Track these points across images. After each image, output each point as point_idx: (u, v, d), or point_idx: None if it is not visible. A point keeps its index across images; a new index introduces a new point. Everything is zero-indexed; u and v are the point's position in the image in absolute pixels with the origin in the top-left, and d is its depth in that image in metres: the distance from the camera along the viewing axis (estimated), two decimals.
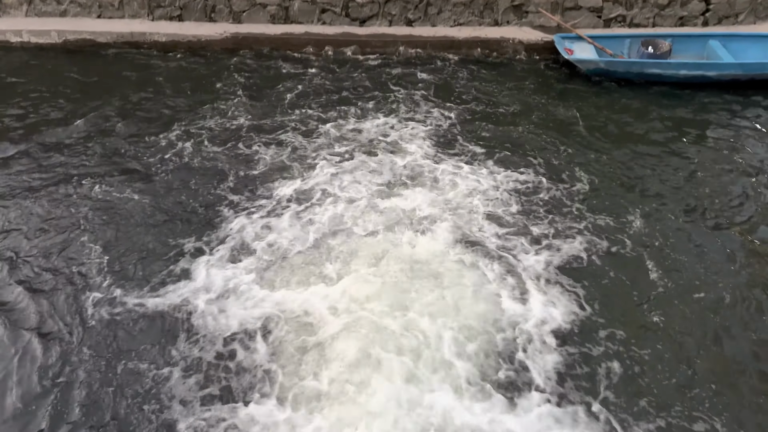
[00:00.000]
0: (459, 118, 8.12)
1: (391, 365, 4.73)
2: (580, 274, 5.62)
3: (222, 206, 6.49)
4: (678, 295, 5.41)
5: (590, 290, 5.44)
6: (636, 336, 5.02)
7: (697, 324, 5.14)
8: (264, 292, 5.42)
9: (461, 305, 5.25)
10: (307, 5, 10.15)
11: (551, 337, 5.02)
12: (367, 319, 5.11)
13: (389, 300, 5.30)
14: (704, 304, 5.32)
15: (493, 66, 9.53)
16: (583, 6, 9.96)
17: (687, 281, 5.55)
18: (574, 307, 5.27)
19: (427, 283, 5.47)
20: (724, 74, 8.69)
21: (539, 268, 5.68)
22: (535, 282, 5.53)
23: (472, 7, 10.07)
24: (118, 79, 9.11)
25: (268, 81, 9.08)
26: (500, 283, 5.49)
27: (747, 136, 7.72)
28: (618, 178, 6.93)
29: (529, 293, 5.41)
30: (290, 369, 4.78)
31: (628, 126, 7.97)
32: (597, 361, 4.82)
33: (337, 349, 4.87)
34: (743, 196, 6.64)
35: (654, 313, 5.23)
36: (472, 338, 4.96)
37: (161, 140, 7.64)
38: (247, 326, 5.12)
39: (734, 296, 5.40)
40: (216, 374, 4.75)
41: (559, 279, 5.54)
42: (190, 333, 5.08)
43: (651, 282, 5.54)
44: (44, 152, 7.40)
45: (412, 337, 4.96)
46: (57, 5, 10.39)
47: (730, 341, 5.01)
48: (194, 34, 10.01)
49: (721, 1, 9.91)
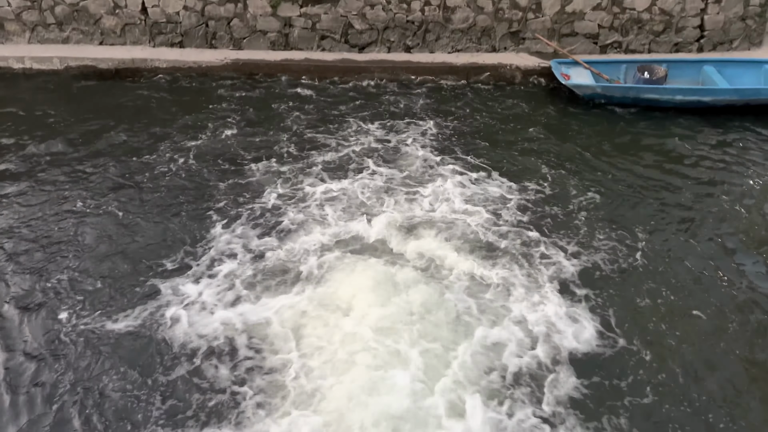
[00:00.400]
0: (456, 141, 8.19)
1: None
2: (585, 288, 5.71)
3: (210, 224, 6.59)
4: (681, 313, 5.45)
5: (599, 304, 5.48)
6: (644, 352, 5.08)
7: (698, 342, 5.19)
8: (263, 300, 5.53)
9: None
10: (306, 32, 10.28)
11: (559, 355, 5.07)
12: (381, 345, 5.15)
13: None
14: (704, 323, 5.36)
15: (491, 91, 9.62)
16: (579, 32, 10.10)
17: (689, 299, 5.60)
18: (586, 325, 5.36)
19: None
20: (720, 99, 8.78)
21: (544, 281, 5.78)
22: (540, 295, 5.63)
23: (470, 34, 10.20)
24: (116, 104, 9.22)
25: (266, 105, 9.19)
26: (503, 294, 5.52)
27: (743, 158, 7.79)
28: (616, 199, 7.02)
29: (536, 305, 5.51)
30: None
31: (625, 149, 8.04)
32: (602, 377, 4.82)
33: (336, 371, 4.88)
34: (741, 216, 6.70)
35: (658, 327, 5.29)
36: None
37: (153, 162, 7.76)
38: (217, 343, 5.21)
39: (735, 316, 5.43)
40: (189, 394, 4.81)
41: (565, 294, 5.57)
42: (166, 350, 5.15)
43: (654, 300, 5.55)
44: (37, 173, 7.51)
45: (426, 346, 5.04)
46: (60, 32, 10.51)
47: (728, 361, 5.04)
48: (195, 60, 10.12)
49: (716, 28, 10.05)
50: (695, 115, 8.76)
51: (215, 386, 4.87)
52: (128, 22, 10.35)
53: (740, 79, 9.24)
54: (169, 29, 10.37)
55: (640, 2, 9.84)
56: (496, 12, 10.00)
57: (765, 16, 10.10)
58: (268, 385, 4.87)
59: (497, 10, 9.98)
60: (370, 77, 9.92)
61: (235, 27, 10.30)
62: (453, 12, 10.02)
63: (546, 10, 9.94)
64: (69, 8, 10.28)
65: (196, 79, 9.95)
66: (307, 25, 10.22)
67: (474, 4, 9.94)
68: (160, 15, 10.25)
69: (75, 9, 10.28)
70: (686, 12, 9.90)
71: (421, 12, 10.03)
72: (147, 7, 10.19)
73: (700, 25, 10.03)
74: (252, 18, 10.20)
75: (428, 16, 10.07)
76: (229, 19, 10.23)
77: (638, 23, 10.00)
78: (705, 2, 9.84)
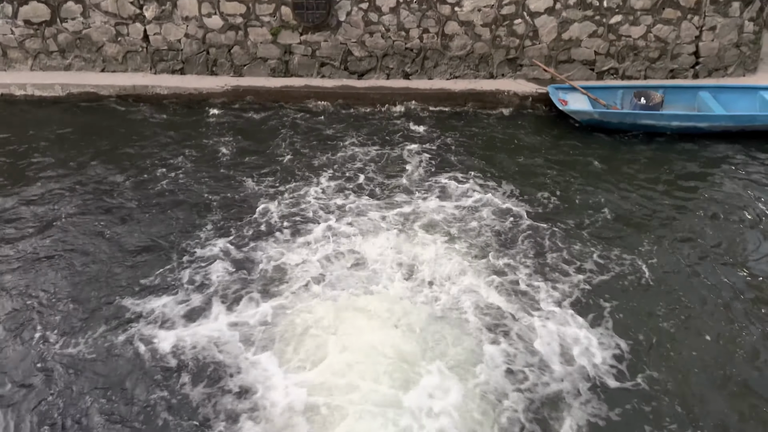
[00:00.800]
0: (455, 165, 8.25)
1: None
2: (590, 307, 5.75)
3: (201, 245, 6.68)
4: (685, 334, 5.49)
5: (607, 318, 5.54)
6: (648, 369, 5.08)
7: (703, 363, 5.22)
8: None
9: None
10: (306, 59, 10.40)
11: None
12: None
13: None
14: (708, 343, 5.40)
15: (489, 117, 9.70)
16: (576, 59, 10.22)
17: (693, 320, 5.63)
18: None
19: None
20: (716, 125, 8.86)
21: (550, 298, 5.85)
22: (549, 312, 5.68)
23: (468, 61, 10.32)
24: (115, 129, 9.30)
25: (264, 130, 9.29)
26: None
27: (740, 183, 7.84)
28: (616, 223, 7.07)
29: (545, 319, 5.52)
30: None
31: (622, 174, 8.10)
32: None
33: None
34: (741, 240, 6.73)
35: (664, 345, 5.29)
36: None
37: (145, 183, 7.88)
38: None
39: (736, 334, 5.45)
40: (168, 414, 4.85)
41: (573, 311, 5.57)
42: (139, 371, 5.22)
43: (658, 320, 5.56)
44: (31, 196, 7.60)
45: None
46: (62, 59, 10.62)
47: (731, 378, 5.06)
48: (195, 86, 10.22)
49: (711, 55, 10.18)
50: (691, 140, 8.83)
51: (192, 404, 4.91)
52: (130, 50, 10.47)
53: (735, 105, 9.33)
54: (170, 56, 10.49)
55: (636, 29, 9.98)
56: (493, 39, 10.13)
57: (759, 43, 10.24)
58: (247, 408, 4.90)
59: (495, 37, 10.11)
60: (370, 103, 10.01)
61: (236, 54, 10.41)
62: (451, 39, 10.15)
63: (543, 38, 10.08)
64: (72, 36, 10.41)
65: (196, 105, 10.04)
66: (307, 53, 10.34)
67: (472, 32, 10.07)
68: (161, 43, 10.37)
69: (78, 37, 10.41)
70: (681, 39, 10.04)
71: (420, 39, 10.16)
72: (149, 35, 10.32)
73: (695, 52, 10.17)
74: (252, 45, 10.33)
75: (426, 44, 10.20)
76: (229, 46, 10.35)
77: (634, 50, 10.13)
78: (699, 30, 9.98)
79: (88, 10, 10.20)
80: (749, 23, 9.98)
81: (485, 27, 10.04)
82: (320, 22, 10.03)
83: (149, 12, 10.14)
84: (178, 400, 4.96)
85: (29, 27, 10.37)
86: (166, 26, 10.24)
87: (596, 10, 9.87)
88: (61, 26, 10.35)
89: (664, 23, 9.93)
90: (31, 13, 10.27)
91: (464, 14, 9.96)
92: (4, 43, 10.52)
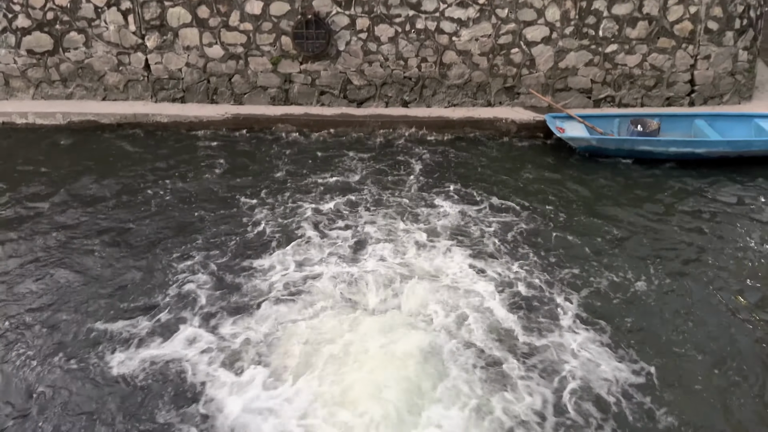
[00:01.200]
0: (453, 190, 8.27)
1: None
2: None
3: (192, 277, 6.66)
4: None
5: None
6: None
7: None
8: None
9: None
10: (306, 88, 10.51)
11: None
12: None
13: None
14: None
15: (487, 144, 9.76)
16: (572, 87, 10.34)
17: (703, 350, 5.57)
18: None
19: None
20: (713, 151, 8.92)
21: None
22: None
23: (466, 89, 10.43)
24: (114, 156, 9.38)
25: (262, 156, 9.37)
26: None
27: (740, 208, 7.88)
28: (614, 248, 7.05)
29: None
30: None
31: (620, 199, 8.13)
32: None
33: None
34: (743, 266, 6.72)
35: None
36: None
37: (140, 209, 7.92)
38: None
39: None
40: None
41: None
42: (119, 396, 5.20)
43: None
44: (26, 223, 7.65)
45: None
46: (64, 88, 10.73)
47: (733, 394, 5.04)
48: (196, 114, 10.30)
49: (706, 83, 10.30)
50: (689, 166, 8.88)
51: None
52: (131, 79, 10.58)
53: (731, 132, 9.40)
54: (171, 85, 10.60)
55: (631, 58, 10.11)
56: (491, 68, 10.26)
57: (753, 71, 10.37)
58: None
59: (492, 66, 10.24)
60: (368, 131, 10.09)
61: (236, 83, 10.52)
62: (449, 68, 10.28)
63: (540, 66, 10.20)
64: (74, 66, 10.53)
65: (195, 133, 10.11)
66: (307, 81, 10.46)
67: (469, 61, 10.20)
68: (162, 72, 10.49)
69: (80, 66, 10.53)
70: (676, 68, 10.17)
71: (418, 68, 10.29)
72: (150, 64, 10.44)
73: (690, 80, 10.29)
74: (253, 74, 10.44)
75: (425, 72, 10.32)
76: (230, 75, 10.47)
77: (630, 78, 10.26)
78: (694, 58, 10.12)
79: (91, 40, 10.34)
80: (743, 52, 10.12)
81: (483, 56, 10.17)
82: (320, 52, 10.17)
83: (151, 42, 10.28)
84: (160, 425, 4.92)
85: (32, 57, 10.49)
86: (167, 55, 10.36)
87: (592, 40, 10.02)
88: (64, 56, 10.48)
89: (659, 52, 10.06)
90: (34, 43, 10.40)
91: (462, 44, 10.10)
92: (6, 72, 10.64)
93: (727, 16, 9.85)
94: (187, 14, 10.09)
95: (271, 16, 10.06)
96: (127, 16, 10.16)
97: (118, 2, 10.07)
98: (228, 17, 10.09)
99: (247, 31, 10.16)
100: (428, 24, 10.00)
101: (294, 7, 9.96)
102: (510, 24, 9.96)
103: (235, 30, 10.17)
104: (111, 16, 10.18)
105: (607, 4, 9.81)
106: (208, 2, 10.01)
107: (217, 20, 10.11)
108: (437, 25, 10.00)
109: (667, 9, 9.81)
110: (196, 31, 10.19)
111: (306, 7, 9.93)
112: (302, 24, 9.96)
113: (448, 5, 9.89)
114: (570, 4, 9.81)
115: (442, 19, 9.97)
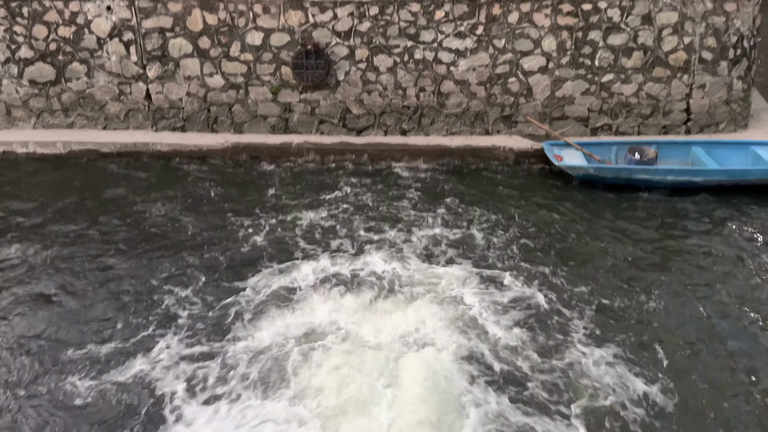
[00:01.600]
0: (450, 219, 8.30)
1: None
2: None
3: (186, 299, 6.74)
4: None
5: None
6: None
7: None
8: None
9: None
10: (306, 116, 10.60)
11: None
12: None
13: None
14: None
15: (484, 172, 9.80)
16: (569, 116, 10.43)
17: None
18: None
19: None
20: (711, 180, 8.96)
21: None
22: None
23: (464, 118, 10.52)
24: (113, 184, 9.44)
25: (260, 184, 9.43)
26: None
27: (739, 236, 7.90)
28: (613, 277, 7.06)
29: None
30: None
31: (618, 227, 8.16)
32: None
33: None
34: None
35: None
36: None
37: (135, 235, 8.01)
38: None
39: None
40: None
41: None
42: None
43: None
44: (20, 248, 7.73)
45: None
46: (65, 118, 10.81)
47: None
48: (196, 143, 10.36)
49: (702, 111, 10.40)
50: (686, 194, 8.91)
51: None
52: (132, 108, 10.67)
53: (728, 160, 9.45)
54: (171, 114, 10.69)
55: (627, 87, 10.22)
56: (488, 97, 10.36)
57: (748, 100, 10.48)
58: None
59: (490, 95, 10.34)
60: (367, 159, 10.14)
61: (237, 112, 10.61)
62: (447, 97, 10.38)
63: (537, 95, 10.31)
64: (75, 95, 10.63)
65: (195, 161, 10.15)
66: (307, 110, 10.55)
67: (467, 90, 10.31)
68: (163, 101, 10.59)
69: (81, 96, 10.63)
70: (672, 96, 10.28)
71: (417, 97, 10.39)
72: (151, 93, 10.54)
73: (686, 109, 10.39)
74: (253, 103, 10.54)
75: (423, 102, 10.43)
76: (230, 104, 10.56)
77: (626, 107, 10.36)
78: (689, 87, 10.23)
79: (93, 70, 10.45)
80: (738, 81, 10.24)
81: (480, 85, 10.28)
82: (319, 82, 10.28)
83: (152, 72, 10.39)
84: None
85: (34, 87, 10.60)
86: (168, 85, 10.47)
87: (588, 69, 10.14)
88: (66, 86, 10.58)
89: (655, 81, 10.18)
90: (36, 74, 10.52)
91: (460, 73, 10.22)
92: (8, 102, 10.73)
93: (721, 46, 9.99)
94: (188, 45, 10.22)
95: (272, 46, 10.20)
96: (129, 47, 10.29)
97: (120, 33, 10.21)
98: (229, 48, 10.22)
99: (248, 61, 10.29)
100: (426, 54, 10.13)
101: (294, 38, 10.10)
102: (507, 54, 10.09)
103: (236, 60, 10.29)
104: (113, 47, 10.31)
105: (602, 35, 9.96)
106: (209, 33, 10.15)
107: (218, 50, 10.24)
108: (435, 55, 10.14)
109: (662, 39, 9.95)
110: (197, 61, 10.32)
111: (306, 38, 10.07)
112: (302, 54, 10.09)
113: (446, 36, 10.03)
114: (566, 35, 9.96)
115: (440, 49, 10.11)
